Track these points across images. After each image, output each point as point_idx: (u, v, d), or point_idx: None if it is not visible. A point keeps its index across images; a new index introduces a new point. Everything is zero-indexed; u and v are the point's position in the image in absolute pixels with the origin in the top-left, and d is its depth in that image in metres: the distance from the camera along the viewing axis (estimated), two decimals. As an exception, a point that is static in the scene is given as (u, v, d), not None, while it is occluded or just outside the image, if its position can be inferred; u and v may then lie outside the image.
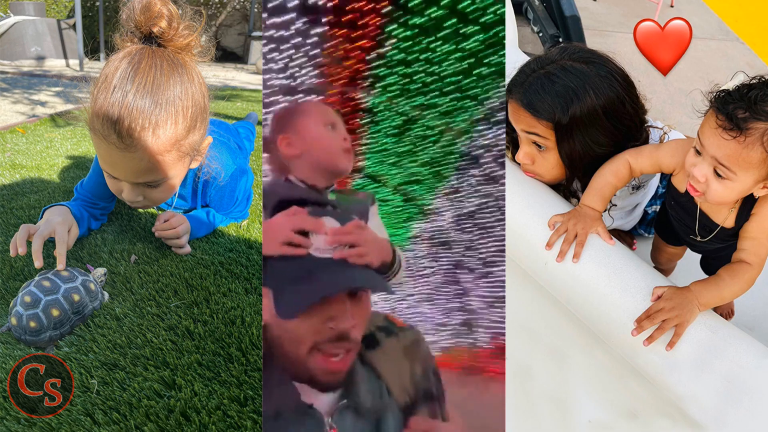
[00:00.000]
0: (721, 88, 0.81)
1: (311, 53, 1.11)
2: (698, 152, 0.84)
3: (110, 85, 1.23)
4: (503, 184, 1.04)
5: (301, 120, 0.89)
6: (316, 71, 1.12)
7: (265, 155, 0.88)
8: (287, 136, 0.87)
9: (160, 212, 1.68)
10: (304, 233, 0.77)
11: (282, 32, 1.08)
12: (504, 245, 1.02)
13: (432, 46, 1.13)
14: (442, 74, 1.15)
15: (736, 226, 0.90)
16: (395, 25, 1.12)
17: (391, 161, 1.22)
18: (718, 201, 0.86)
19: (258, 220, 1.71)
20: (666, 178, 1.04)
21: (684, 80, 2.41)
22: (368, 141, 1.20)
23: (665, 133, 1.11)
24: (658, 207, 1.27)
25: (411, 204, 1.25)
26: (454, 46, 1.13)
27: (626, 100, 0.98)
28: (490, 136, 1.16)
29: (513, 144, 1.09)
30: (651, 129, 1.07)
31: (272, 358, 0.76)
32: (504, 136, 1.09)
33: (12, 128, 2.92)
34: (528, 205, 0.99)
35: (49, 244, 1.30)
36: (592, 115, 0.96)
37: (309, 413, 0.75)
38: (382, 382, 0.79)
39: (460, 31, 1.12)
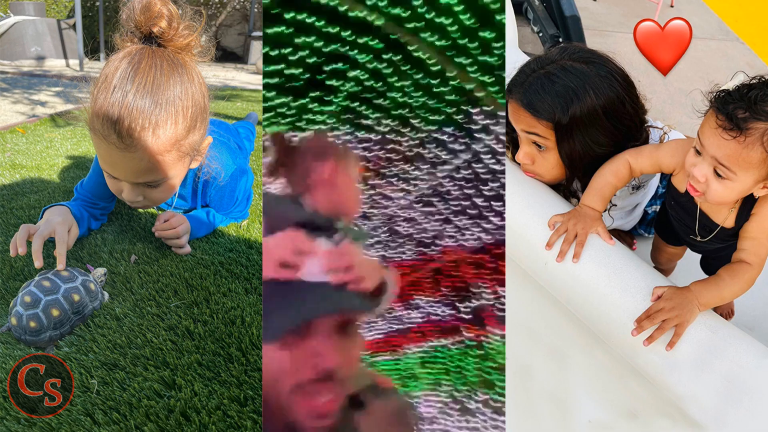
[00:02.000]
0: (721, 88, 0.81)
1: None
2: (698, 152, 0.84)
3: (110, 85, 1.23)
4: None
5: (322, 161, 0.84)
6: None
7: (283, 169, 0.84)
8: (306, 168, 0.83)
9: (160, 212, 1.68)
10: (301, 253, 0.74)
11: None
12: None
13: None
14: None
15: (736, 226, 0.90)
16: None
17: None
18: (718, 201, 0.86)
19: (258, 220, 1.71)
20: (666, 178, 1.03)
21: (684, 80, 2.41)
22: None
23: (665, 133, 1.11)
24: (658, 207, 1.27)
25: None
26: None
27: (626, 100, 0.98)
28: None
29: (513, 144, 1.09)
30: (651, 129, 1.07)
31: (266, 398, 0.73)
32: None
33: (12, 128, 2.92)
34: (528, 205, 0.99)
35: (49, 244, 1.30)
36: (592, 115, 0.96)
37: None
38: None
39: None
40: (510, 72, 1.04)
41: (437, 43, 0.85)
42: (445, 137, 0.86)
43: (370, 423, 0.76)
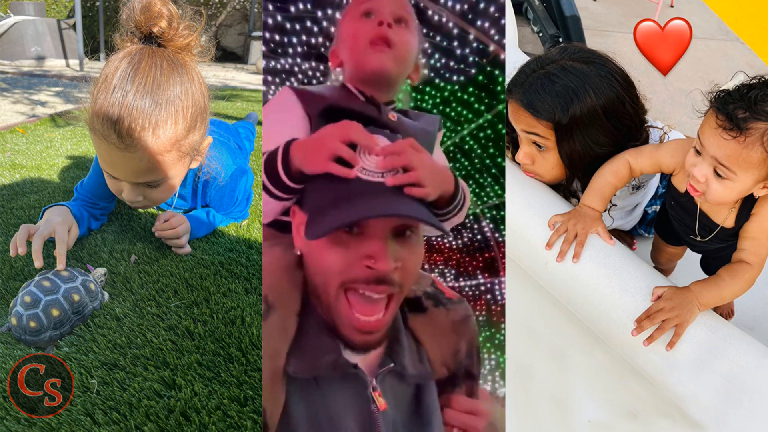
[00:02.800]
0: (721, 88, 0.81)
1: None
2: (698, 152, 0.84)
3: (110, 85, 1.23)
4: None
5: (342, 16, 0.77)
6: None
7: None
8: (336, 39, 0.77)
9: (160, 212, 1.68)
10: (354, 148, 0.65)
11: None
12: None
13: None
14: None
15: (736, 226, 0.90)
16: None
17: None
18: (718, 201, 0.86)
19: (258, 220, 1.71)
20: (666, 178, 1.04)
21: (684, 80, 2.41)
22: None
23: (665, 133, 1.11)
24: (658, 207, 1.27)
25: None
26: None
27: (626, 100, 0.98)
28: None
29: (513, 144, 1.09)
30: (651, 129, 1.07)
31: (306, 299, 0.67)
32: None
33: (12, 128, 2.92)
34: (528, 205, 0.99)
35: (49, 244, 1.30)
36: (592, 115, 0.96)
37: (352, 374, 0.66)
38: (422, 350, 0.71)
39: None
40: (510, 72, 1.04)
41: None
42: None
43: (429, 329, 0.72)
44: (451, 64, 1.08)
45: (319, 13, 0.95)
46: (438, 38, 1.04)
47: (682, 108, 2.32)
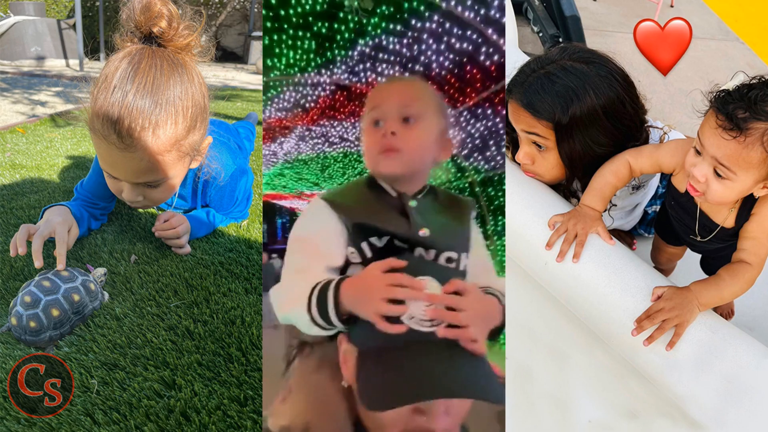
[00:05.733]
0: (721, 88, 0.81)
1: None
2: (698, 152, 0.84)
3: (110, 85, 1.23)
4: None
5: (362, 124, 0.81)
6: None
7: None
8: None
9: (160, 212, 1.68)
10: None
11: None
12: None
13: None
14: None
15: (736, 226, 0.90)
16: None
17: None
18: (718, 201, 0.86)
19: (258, 220, 1.71)
20: (666, 178, 1.04)
21: (684, 80, 2.41)
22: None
23: (665, 133, 1.11)
24: (658, 207, 1.27)
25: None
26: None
27: (626, 100, 0.98)
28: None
29: (513, 144, 1.09)
30: (651, 129, 1.07)
31: (363, 424, 0.67)
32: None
33: (12, 128, 2.92)
34: (528, 205, 0.99)
35: (49, 244, 1.30)
36: (592, 115, 0.96)
37: None
38: None
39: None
40: (510, 72, 1.04)
41: None
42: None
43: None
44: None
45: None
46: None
47: (682, 108, 2.32)
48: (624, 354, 0.88)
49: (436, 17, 2.45)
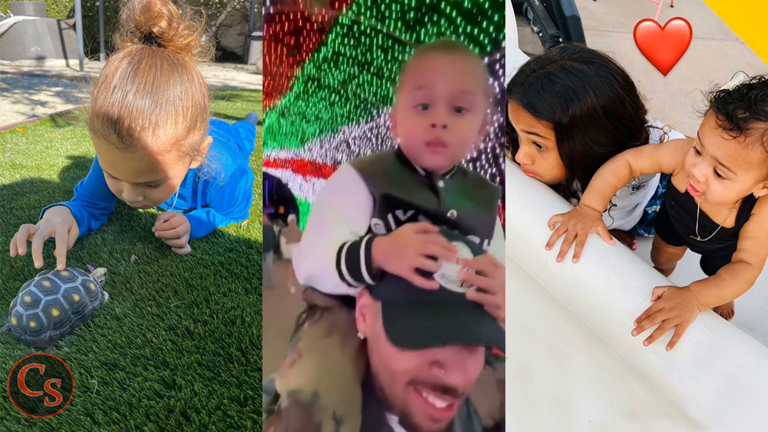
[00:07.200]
0: (721, 88, 0.81)
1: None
2: (698, 152, 0.84)
3: (110, 85, 1.23)
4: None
5: (398, 88, 0.76)
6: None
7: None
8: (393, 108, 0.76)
9: (160, 212, 1.68)
10: (434, 257, 0.67)
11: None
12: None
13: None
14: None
15: (736, 226, 0.90)
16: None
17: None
18: (718, 201, 0.86)
19: (258, 220, 1.71)
20: (666, 178, 1.04)
21: (684, 80, 2.40)
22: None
23: (665, 133, 1.11)
24: (658, 207, 1.27)
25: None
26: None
27: (626, 100, 0.98)
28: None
29: (513, 144, 1.09)
30: (651, 129, 1.07)
31: (371, 381, 0.68)
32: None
33: (12, 128, 2.92)
34: (528, 205, 0.99)
35: (49, 244, 1.30)
36: (592, 115, 0.96)
37: None
38: (470, 405, 0.73)
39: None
40: (510, 72, 1.04)
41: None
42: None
43: (477, 387, 0.73)
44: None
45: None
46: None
47: (682, 108, 2.32)
48: (624, 354, 0.88)
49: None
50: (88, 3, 7.56)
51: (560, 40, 2.20)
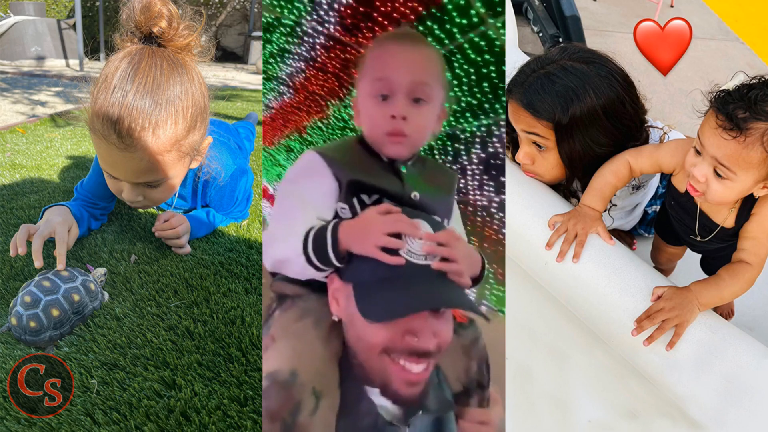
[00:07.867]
0: (721, 88, 0.81)
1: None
2: (698, 152, 0.84)
3: (110, 85, 1.23)
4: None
5: (359, 78, 0.78)
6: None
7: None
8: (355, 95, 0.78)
9: (160, 212, 1.68)
10: (398, 235, 0.70)
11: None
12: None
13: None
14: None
15: (736, 226, 0.90)
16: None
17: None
18: (718, 201, 0.86)
19: (258, 220, 1.71)
20: (666, 178, 1.04)
21: (684, 80, 2.41)
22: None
23: (665, 133, 1.11)
24: (658, 207, 1.27)
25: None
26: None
27: (626, 100, 0.98)
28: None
29: (513, 144, 1.09)
30: (651, 129, 1.07)
31: (348, 359, 0.71)
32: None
33: (12, 128, 2.92)
34: (528, 205, 0.99)
35: (49, 244, 1.30)
36: (592, 115, 0.96)
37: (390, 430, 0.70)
38: (440, 372, 0.76)
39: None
40: (510, 72, 1.04)
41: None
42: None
43: (445, 355, 0.76)
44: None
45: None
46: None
47: (682, 108, 2.32)
48: (624, 354, 0.88)
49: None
50: (88, 3, 7.56)
51: (560, 40, 2.20)
